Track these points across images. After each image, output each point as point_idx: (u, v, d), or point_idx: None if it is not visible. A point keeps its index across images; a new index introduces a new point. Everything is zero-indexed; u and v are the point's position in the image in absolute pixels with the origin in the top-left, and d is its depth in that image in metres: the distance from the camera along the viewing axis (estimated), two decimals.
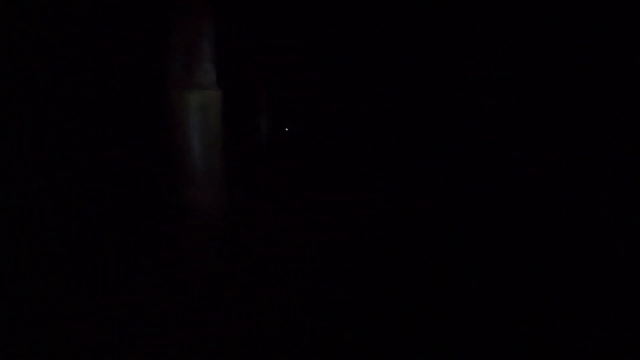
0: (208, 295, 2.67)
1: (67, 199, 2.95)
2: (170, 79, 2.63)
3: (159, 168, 3.07)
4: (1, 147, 2.69)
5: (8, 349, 2.08)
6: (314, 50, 7.49)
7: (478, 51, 5.24)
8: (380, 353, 2.03)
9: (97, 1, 2.97)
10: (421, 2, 6.01)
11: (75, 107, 2.98)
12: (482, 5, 5.11)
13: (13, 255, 2.71)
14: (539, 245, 3.48)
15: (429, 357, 1.98)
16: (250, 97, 6.54)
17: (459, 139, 5.69)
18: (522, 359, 1.95)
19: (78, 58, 2.94)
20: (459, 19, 5.47)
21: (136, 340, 2.14)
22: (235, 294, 2.71)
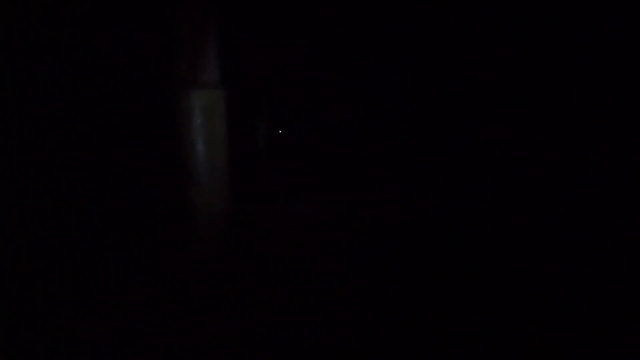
0: (209, 296, 2.66)
1: (69, 199, 2.94)
2: (175, 78, 2.62)
3: (163, 168, 3.06)
4: (2, 147, 2.68)
5: (8, 349, 2.08)
6: (321, 51, 7.49)
7: (479, 52, 5.24)
8: (382, 354, 2.02)
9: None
10: (422, 2, 6.01)
11: (77, 105, 2.98)
12: (482, 4, 5.11)
13: (14, 255, 2.70)
14: (547, 246, 3.47)
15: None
16: (256, 97, 6.53)
17: (462, 140, 5.69)
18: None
19: (81, 56, 2.93)
20: (459, 19, 5.47)
21: (137, 340, 2.13)
22: (236, 295, 2.70)
